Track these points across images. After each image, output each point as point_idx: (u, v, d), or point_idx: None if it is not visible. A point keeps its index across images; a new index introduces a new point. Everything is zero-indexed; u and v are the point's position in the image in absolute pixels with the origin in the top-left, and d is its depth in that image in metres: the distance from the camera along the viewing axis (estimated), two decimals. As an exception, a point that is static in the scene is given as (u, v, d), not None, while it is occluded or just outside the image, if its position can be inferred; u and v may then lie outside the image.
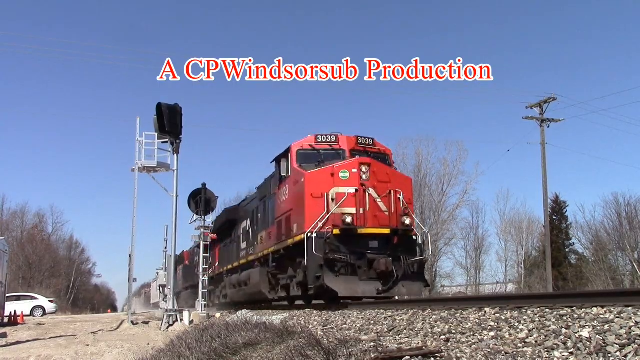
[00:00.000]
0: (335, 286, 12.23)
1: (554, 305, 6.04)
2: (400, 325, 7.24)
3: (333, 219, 12.73)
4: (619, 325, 4.49)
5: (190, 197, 22.74)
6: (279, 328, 8.58)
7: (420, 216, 39.43)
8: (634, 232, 42.85)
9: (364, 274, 12.54)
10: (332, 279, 12.25)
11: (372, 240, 12.88)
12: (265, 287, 16.69)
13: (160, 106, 19.14)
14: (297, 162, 14.37)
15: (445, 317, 6.96)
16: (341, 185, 13.06)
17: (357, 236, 12.75)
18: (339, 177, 13.19)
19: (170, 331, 16.70)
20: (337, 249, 12.53)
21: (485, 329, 5.72)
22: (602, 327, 4.57)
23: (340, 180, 13.13)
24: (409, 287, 12.96)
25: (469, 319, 6.41)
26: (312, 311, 12.37)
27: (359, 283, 12.48)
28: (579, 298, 6.33)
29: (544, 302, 6.47)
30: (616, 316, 4.82)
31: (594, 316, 5.04)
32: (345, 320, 9.13)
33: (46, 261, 65.20)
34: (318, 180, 13.31)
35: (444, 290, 46.49)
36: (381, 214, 13.19)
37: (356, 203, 12.94)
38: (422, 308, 8.34)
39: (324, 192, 13.03)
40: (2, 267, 22.76)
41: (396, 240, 13.11)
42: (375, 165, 13.55)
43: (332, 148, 14.40)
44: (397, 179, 14.03)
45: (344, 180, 13.15)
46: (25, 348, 13.32)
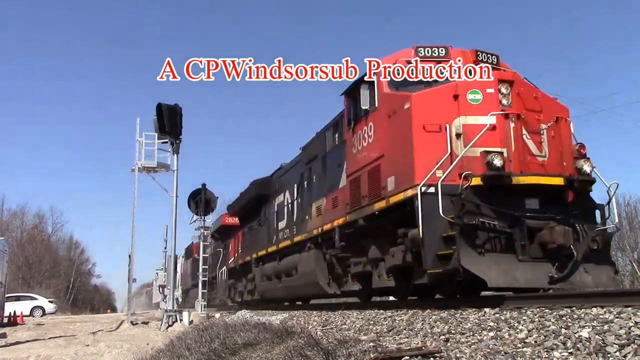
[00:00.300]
0: (481, 270, 7.57)
1: (554, 306, 6.04)
2: (400, 325, 7.24)
3: (461, 165, 8.29)
4: (619, 326, 4.49)
5: (190, 198, 22.73)
6: (278, 328, 8.57)
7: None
8: (634, 233, 42.86)
9: (524, 250, 7.94)
10: (474, 259, 7.64)
11: (530, 197, 8.31)
12: (323, 276, 12.41)
13: (160, 106, 19.14)
14: (391, 86, 9.91)
15: (445, 317, 6.95)
16: (471, 113, 8.70)
17: (507, 189, 8.16)
18: (467, 100, 8.79)
19: (169, 331, 16.69)
20: (476, 211, 7.98)
21: (484, 329, 5.71)
22: (601, 327, 4.57)
23: (468, 106, 8.75)
24: (596, 274, 8.23)
25: (468, 319, 6.41)
26: (311, 312, 12.33)
27: (518, 265, 7.82)
28: (579, 298, 6.32)
29: (544, 302, 6.47)
30: (615, 316, 4.82)
31: (594, 316, 5.04)
32: (345, 320, 9.13)
33: (46, 261, 65.17)
34: (433, 106, 8.83)
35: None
36: (533, 159, 8.68)
37: (501, 140, 8.49)
38: (421, 308, 8.33)
39: (444, 124, 8.62)
40: (1, 268, 22.75)
41: (571, 198, 8.71)
42: (521, 85, 9.09)
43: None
44: (551, 106, 9.22)
45: (475, 105, 8.76)
46: (25, 348, 13.32)
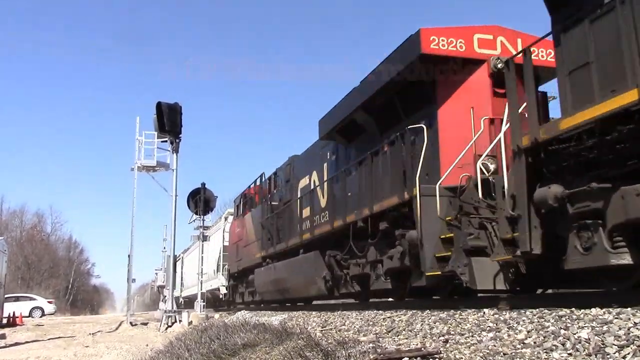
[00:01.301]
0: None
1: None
2: (399, 326, 7.23)
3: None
4: (618, 326, 4.49)
5: (190, 197, 22.70)
6: (278, 329, 8.57)
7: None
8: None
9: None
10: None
11: None
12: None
13: (160, 105, 19.15)
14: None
15: (444, 317, 6.95)
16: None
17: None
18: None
19: (169, 332, 16.69)
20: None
21: (483, 329, 5.71)
22: (600, 327, 4.57)
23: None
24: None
25: (467, 320, 6.41)
26: (310, 312, 12.33)
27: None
28: (579, 298, 6.32)
29: (543, 303, 6.47)
30: (615, 317, 4.82)
31: (593, 317, 5.04)
32: (344, 321, 9.13)
33: (45, 261, 65.19)
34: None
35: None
36: None
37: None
38: (420, 309, 8.33)
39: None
40: (1, 268, 22.75)
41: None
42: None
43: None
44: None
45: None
46: (24, 349, 13.31)
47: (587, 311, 5.32)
